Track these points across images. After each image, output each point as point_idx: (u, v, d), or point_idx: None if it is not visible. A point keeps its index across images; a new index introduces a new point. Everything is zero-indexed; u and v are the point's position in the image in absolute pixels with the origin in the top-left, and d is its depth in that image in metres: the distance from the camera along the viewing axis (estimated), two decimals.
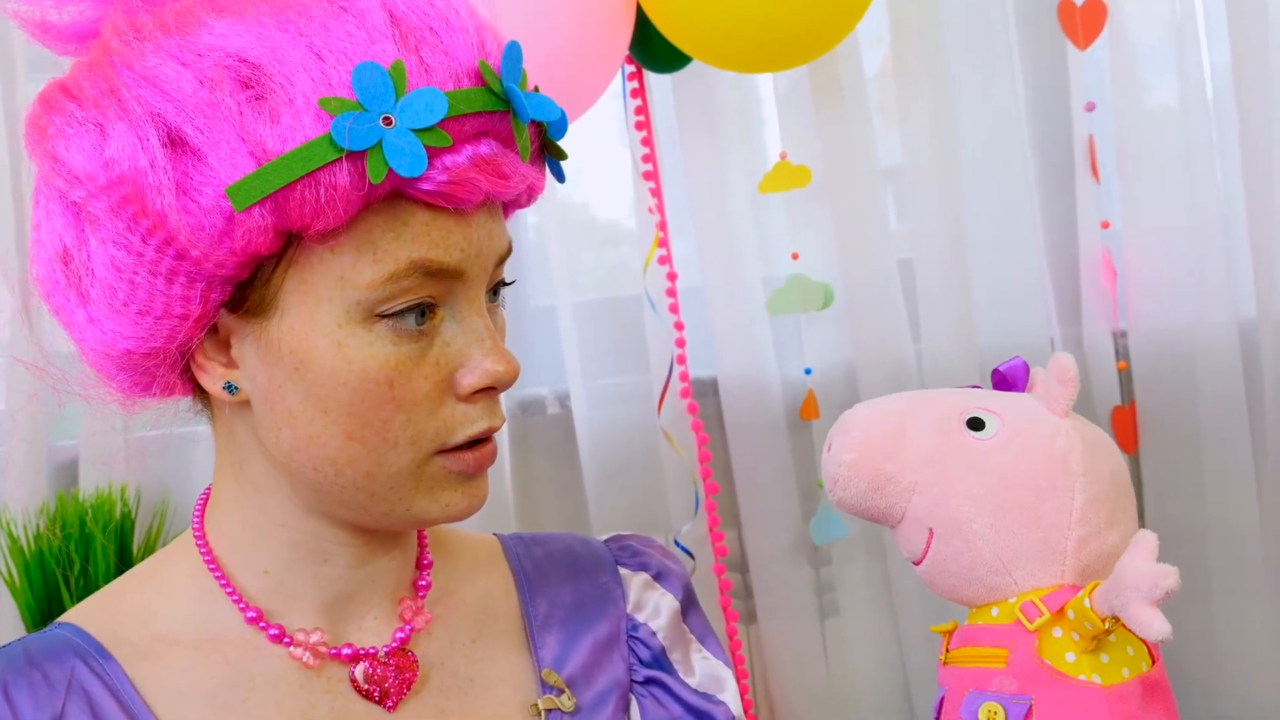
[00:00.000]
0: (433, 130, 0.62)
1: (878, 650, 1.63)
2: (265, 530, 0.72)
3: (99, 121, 0.63)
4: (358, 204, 0.62)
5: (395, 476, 0.67)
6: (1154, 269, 1.51)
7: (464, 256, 0.66)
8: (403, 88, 0.62)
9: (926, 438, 0.69)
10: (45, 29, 0.69)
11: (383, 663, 0.73)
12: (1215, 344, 1.47)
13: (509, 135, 0.67)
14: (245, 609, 0.71)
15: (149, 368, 0.67)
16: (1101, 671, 0.65)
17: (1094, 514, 0.68)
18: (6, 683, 0.68)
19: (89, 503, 1.30)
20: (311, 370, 0.65)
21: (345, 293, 0.64)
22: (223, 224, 0.61)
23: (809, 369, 1.60)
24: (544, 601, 0.81)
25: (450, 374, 0.67)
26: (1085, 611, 0.64)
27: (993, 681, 0.66)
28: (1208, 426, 1.49)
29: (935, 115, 1.54)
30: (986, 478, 0.68)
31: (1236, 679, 1.51)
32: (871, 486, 0.69)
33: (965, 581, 0.69)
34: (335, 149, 0.60)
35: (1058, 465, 0.68)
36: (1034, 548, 0.67)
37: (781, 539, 1.62)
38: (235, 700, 0.70)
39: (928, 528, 0.69)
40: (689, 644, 0.84)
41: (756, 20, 1.27)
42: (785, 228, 1.64)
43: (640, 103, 1.51)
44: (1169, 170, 1.49)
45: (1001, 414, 0.70)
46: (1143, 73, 1.50)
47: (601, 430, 1.63)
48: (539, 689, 0.77)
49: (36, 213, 0.68)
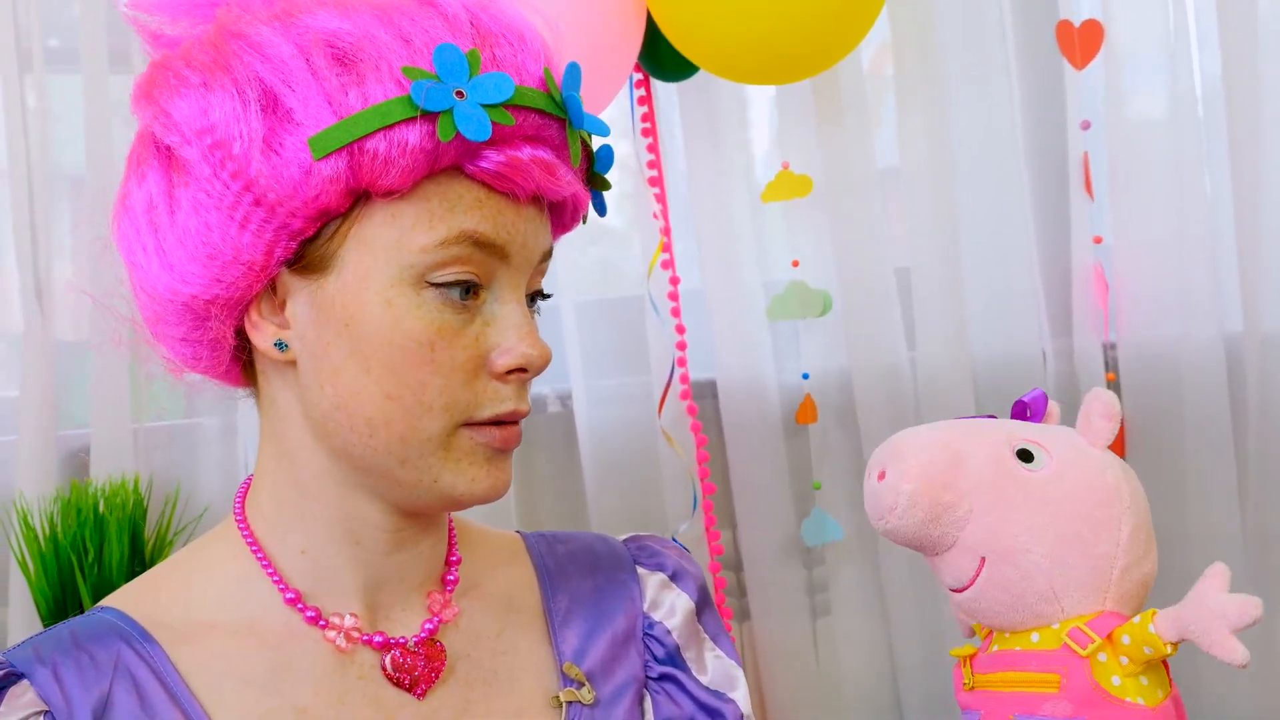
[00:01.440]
0: (498, 108, 0.68)
1: (868, 649, 1.66)
2: (301, 507, 0.74)
3: (205, 80, 0.69)
4: (424, 167, 0.68)
5: (426, 443, 0.71)
6: (1144, 284, 1.55)
7: (511, 238, 0.71)
8: (476, 69, 0.68)
9: (983, 467, 0.70)
10: (157, 39, 0.75)
11: (412, 652, 0.75)
12: (1201, 357, 1.51)
13: (563, 144, 0.72)
14: (284, 589, 0.74)
15: (207, 318, 0.72)
16: (1144, 694, 0.68)
17: (1136, 543, 0.71)
18: (56, 663, 0.71)
19: (102, 491, 1.32)
20: (359, 326, 0.69)
21: (400, 255, 0.69)
22: (300, 175, 0.67)
23: (806, 374, 1.63)
24: (565, 597, 0.84)
25: (487, 351, 0.71)
26: (1149, 637, 0.66)
27: (1044, 706, 0.68)
28: (1192, 437, 1.52)
29: (933, 129, 1.58)
30: (1044, 509, 0.70)
31: (1218, 689, 1.54)
32: (930, 516, 0.70)
33: (1012, 608, 0.71)
34: (411, 107, 0.66)
35: (1110, 497, 0.71)
36: (1085, 576, 0.69)
37: (775, 539, 1.65)
38: (273, 683, 0.72)
39: (980, 556, 0.70)
40: (702, 643, 0.86)
41: (765, 35, 1.30)
42: (785, 235, 1.67)
43: (646, 109, 1.53)
44: (1158, 185, 1.53)
45: (1048, 447, 0.72)
46: (1134, 89, 1.53)
47: (602, 429, 1.66)
48: (560, 681, 0.79)
49: (127, 177, 0.74)
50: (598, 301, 1.74)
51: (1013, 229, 1.59)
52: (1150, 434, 1.55)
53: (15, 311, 1.49)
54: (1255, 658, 1.51)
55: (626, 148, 1.59)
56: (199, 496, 1.49)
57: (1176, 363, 1.53)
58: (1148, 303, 1.55)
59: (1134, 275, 1.55)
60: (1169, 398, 1.53)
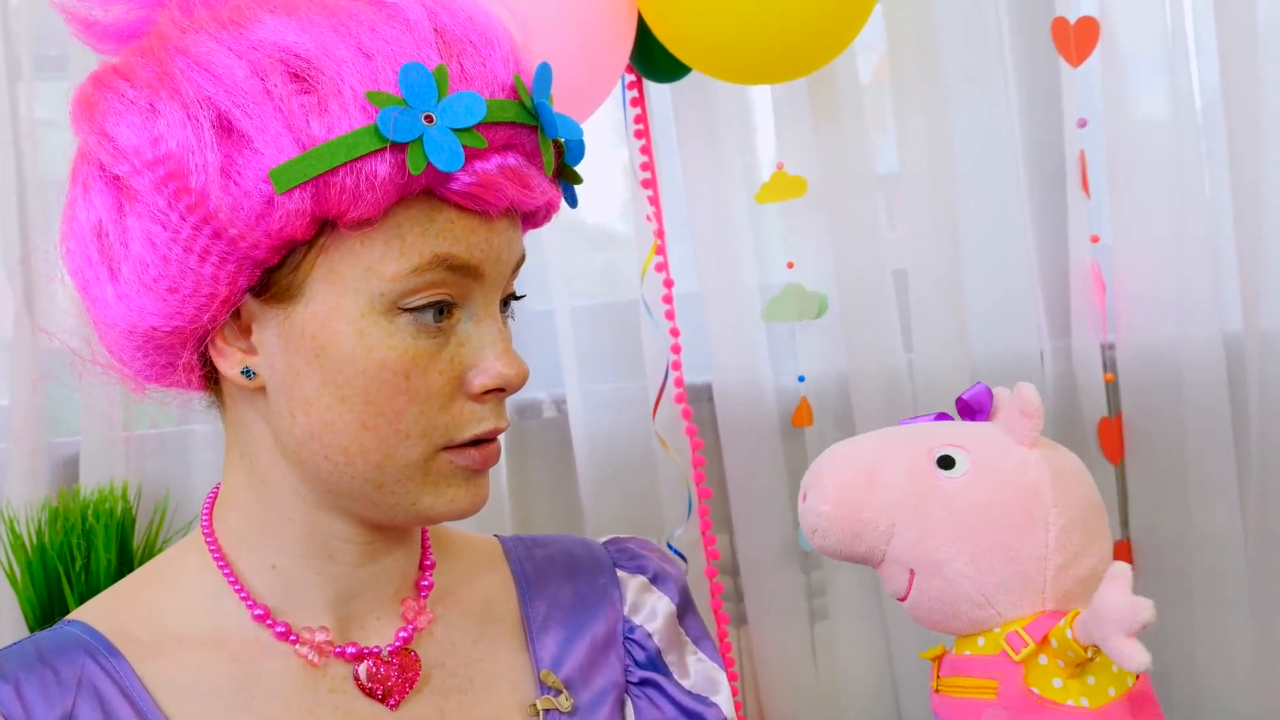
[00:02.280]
0: (470, 131, 0.65)
1: (866, 654, 1.64)
2: (272, 525, 0.73)
3: (151, 101, 0.65)
4: (394, 195, 0.65)
5: (404, 469, 0.69)
6: (1142, 283, 1.53)
7: (485, 257, 0.69)
8: (445, 90, 0.65)
9: (899, 481, 0.71)
10: (89, 26, 0.72)
11: (386, 662, 0.74)
12: (1201, 357, 1.49)
13: (535, 149, 0.70)
14: (252, 606, 0.73)
15: (170, 347, 0.70)
16: (1089, 694, 0.67)
17: (1069, 541, 0.69)
18: (19, 680, 0.69)
19: (90, 499, 1.31)
20: (331, 357, 0.67)
21: (371, 283, 0.66)
22: (262, 206, 0.64)
23: (802, 377, 1.62)
24: (543, 603, 0.82)
25: (463, 373, 0.70)
26: (1068, 642, 0.65)
27: (985, 713, 0.68)
28: (1193, 438, 1.51)
29: (930, 128, 1.56)
30: (962, 518, 0.69)
31: (1217, 688, 1.53)
32: (850, 534, 0.71)
33: (949, 616, 0.71)
34: (380, 139, 0.63)
35: (1030, 498, 0.69)
36: (1014, 580, 0.69)
37: (773, 544, 1.63)
38: (242, 699, 0.71)
39: (908, 568, 0.71)
40: (684, 646, 0.85)
41: (756, 33, 1.29)
42: (781, 236, 1.66)
43: (640, 111, 1.52)
44: (1158, 185, 1.51)
45: (970, 449, 0.71)
46: (1133, 89, 1.52)
47: (597, 434, 1.65)
48: (537, 689, 0.78)
49: (73, 190, 0.70)
50: (593, 306, 1.73)
51: (1010, 229, 1.58)
52: (1150, 434, 1.54)
53: (4, 319, 1.48)
54: (1255, 657, 1.50)
55: (621, 151, 1.58)
56: (190, 503, 1.49)
57: (1176, 363, 1.51)
58: (1147, 302, 1.53)
59: (1133, 275, 1.54)
60: (1169, 398, 1.52)
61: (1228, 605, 1.51)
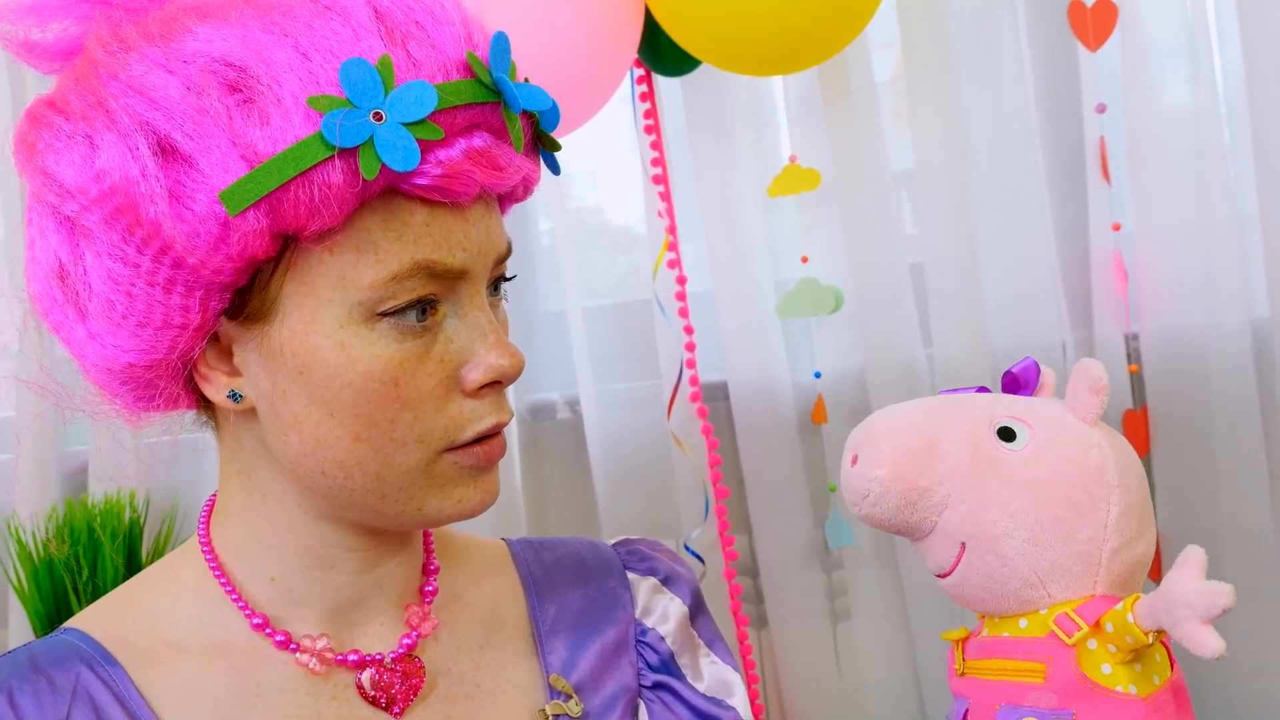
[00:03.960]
0: (424, 123, 0.61)
1: (889, 655, 1.62)
2: (272, 537, 0.71)
3: (87, 133, 0.62)
4: (353, 202, 0.62)
5: (405, 476, 0.67)
6: (1166, 271, 1.50)
7: (466, 255, 0.66)
8: (391, 82, 0.61)
9: (959, 449, 0.68)
10: (29, 48, 0.68)
11: (389, 669, 0.72)
12: (1227, 346, 1.46)
13: (501, 126, 0.66)
14: (251, 615, 0.71)
15: (151, 380, 0.67)
16: (1137, 682, 0.65)
17: (1127, 525, 0.67)
18: (12, 689, 0.68)
19: (98, 509, 1.30)
20: (315, 373, 0.65)
21: (347, 293, 0.64)
22: (218, 230, 0.61)
23: (819, 373, 1.59)
24: (552, 607, 0.81)
25: (455, 370, 0.67)
26: (1129, 626, 0.63)
27: (1030, 696, 0.66)
28: (1220, 429, 1.48)
29: (945, 118, 1.54)
30: (1023, 491, 0.67)
31: (1248, 681, 1.50)
32: (904, 502, 0.68)
33: (996, 595, 0.68)
34: (327, 147, 0.59)
35: (1094, 478, 0.67)
36: (1070, 561, 0.67)
37: (792, 543, 1.61)
38: (242, 708, 0.70)
39: (959, 541, 0.68)
40: (697, 649, 0.84)
41: (764, 23, 1.27)
42: (795, 231, 1.63)
43: (649, 106, 1.50)
44: (1181, 171, 1.48)
45: (1031, 423, 0.69)
46: (1154, 73, 1.49)
47: (612, 435, 1.63)
48: (547, 694, 0.77)
49: (30, 231, 0.67)
50: (606, 306, 1.71)
51: (1029, 218, 1.55)
52: (1177, 425, 1.51)
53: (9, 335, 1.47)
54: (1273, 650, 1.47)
55: (632, 147, 1.56)
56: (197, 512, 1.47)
57: (1202, 351, 1.48)
58: (1171, 290, 1.50)
59: (1156, 262, 1.51)
60: (1195, 387, 1.49)
61: (1259, 598, 1.48)
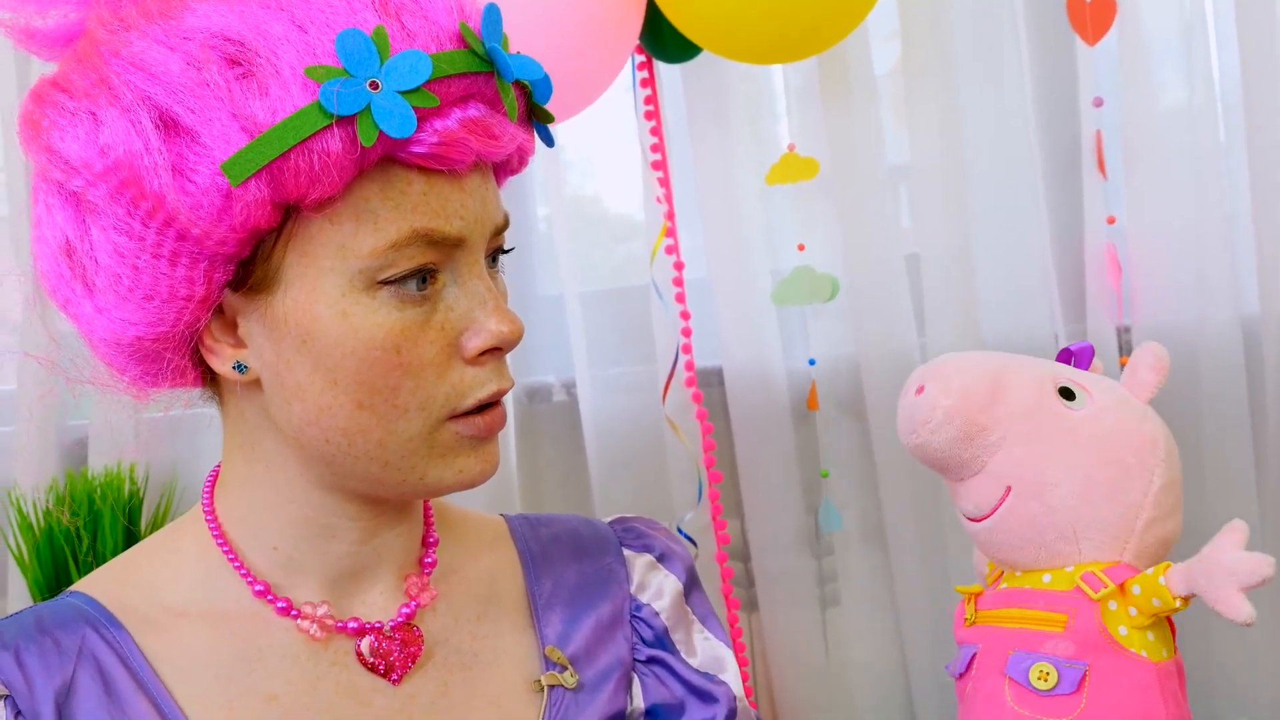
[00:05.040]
0: (419, 91, 0.63)
1: (878, 640, 1.63)
2: (275, 507, 0.73)
3: (91, 110, 0.64)
4: (351, 170, 0.63)
5: (407, 444, 0.68)
6: (1159, 265, 1.51)
7: (464, 223, 0.67)
8: (386, 52, 0.63)
9: (1023, 396, 0.70)
10: (31, 35, 0.70)
11: (388, 637, 0.74)
12: (1218, 341, 1.47)
13: (495, 96, 0.68)
14: (253, 583, 0.73)
15: (158, 353, 0.69)
16: (1149, 648, 0.67)
17: (1165, 499, 0.70)
18: (19, 648, 0.70)
19: (98, 481, 1.31)
20: (318, 342, 0.66)
21: (347, 262, 0.65)
22: (221, 201, 0.62)
23: (813, 360, 1.61)
24: (549, 581, 0.82)
25: (456, 337, 0.68)
26: (1158, 589, 0.65)
27: (1046, 644, 0.68)
28: (1210, 423, 1.49)
29: (943, 110, 1.55)
30: (1079, 446, 0.69)
31: (1235, 676, 1.52)
32: (963, 435, 0.70)
33: (1030, 543, 0.70)
34: (325, 115, 0.61)
35: (1146, 447, 0.70)
36: (1109, 521, 0.69)
37: (784, 529, 1.63)
38: (242, 672, 0.71)
39: (1006, 485, 0.70)
40: (691, 625, 0.85)
41: (766, 11, 1.28)
42: (792, 220, 1.64)
43: (650, 92, 1.51)
44: (1175, 168, 1.49)
45: (1090, 390, 0.72)
46: (1151, 69, 1.50)
47: (607, 418, 1.64)
48: (542, 665, 0.78)
49: (36, 209, 0.68)
50: (603, 290, 1.72)
51: (1024, 211, 1.56)
52: (1166, 418, 1.50)
53: (15, 304, 1.48)
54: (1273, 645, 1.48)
55: (629, 136, 1.57)
56: (198, 485, 1.47)
57: (1193, 347, 1.49)
58: (1163, 285, 1.51)
59: (1149, 258, 1.52)
60: (1185, 383, 1.50)
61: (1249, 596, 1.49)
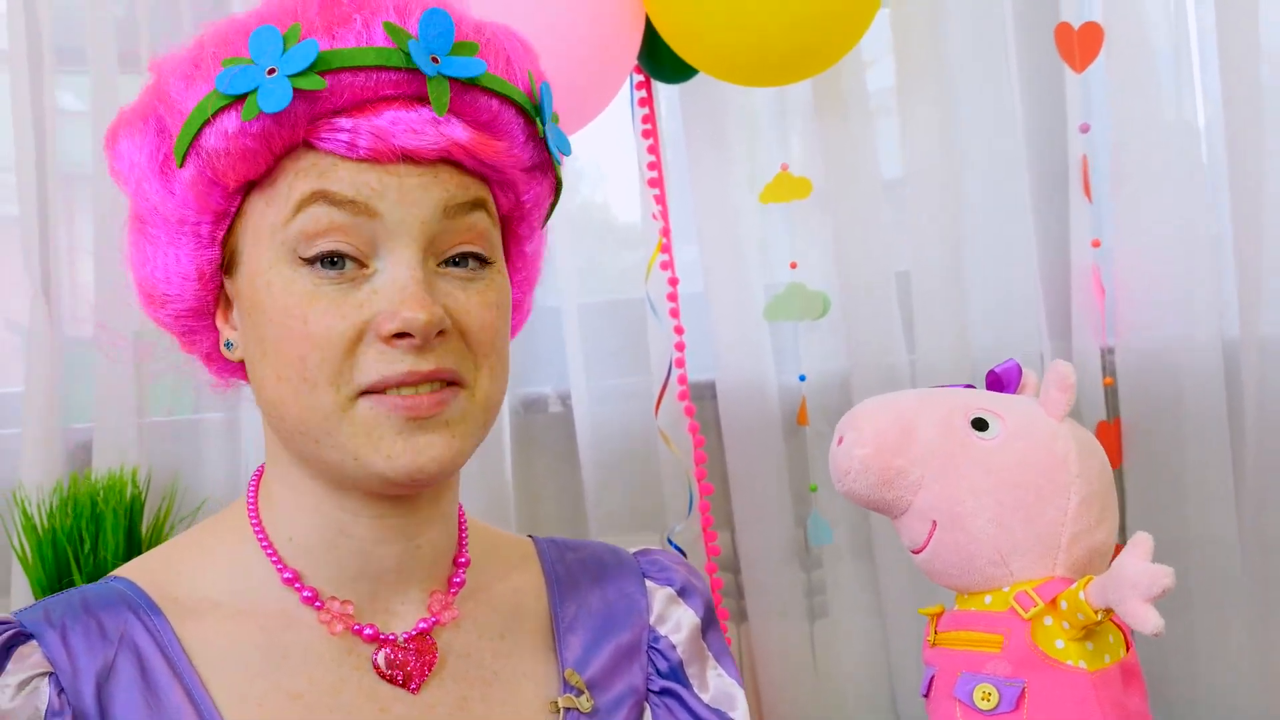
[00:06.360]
0: (307, 75, 0.67)
1: (865, 652, 1.66)
2: (293, 499, 0.76)
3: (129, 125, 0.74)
4: (262, 149, 0.69)
5: (325, 420, 0.70)
6: (1143, 287, 1.54)
7: (374, 194, 0.69)
8: (294, 43, 0.68)
9: (934, 435, 0.73)
10: None
11: (403, 648, 0.76)
12: (1199, 362, 1.50)
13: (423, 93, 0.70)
14: (282, 569, 0.75)
15: (196, 328, 0.77)
16: (1088, 658, 0.70)
17: (1086, 513, 0.72)
18: (65, 627, 0.72)
19: (100, 484, 1.33)
20: (257, 314, 0.71)
21: (274, 236, 0.70)
22: (183, 186, 0.71)
23: (803, 376, 1.63)
24: (572, 605, 0.84)
25: (372, 317, 0.69)
26: (1080, 603, 0.68)
27: (987, 665, 0.71)
28: (1190, 443, 1.52)
29: (935, 131, 1.58)
30: (991, 476, 0.72)
31: (1216, 690, 1.53)
32: (882, 480, 0.73)
33: (963, 570, 0.73)
34: (222, 97, 0.68)
35: (1058, 467, 0.72)
36: (1031, 542, 0.71)
37: (774, 541, 1.65)
38: (269, 667, 0.73)
39: (931, 520, 0.73)
40: (705, 660, 0.87)
41: (760, 36, 1.31)
42: (786, 237, 1.67)
43: (647, 111, 1.54)
44: (1160, 192, 1.52)
45: (1003, 415, 0.74)
46: (1137, 94, 1.53)
47: (602, 429, 1.66)
48: (560, 687, 0.80)
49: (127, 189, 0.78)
50: (600, 303, 1.74)
51: (1013, 232, 1.59)
52: (1148, 438, 1.54)
53: (22, 307, 1.51)
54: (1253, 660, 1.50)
55: (629, 149, 1.59)
56: (199, 490, 1.51)
57: (1175, 367, 1.52)
58: (1147, 306, 1.54)
59: (1134, 279, 1.55)
60: (1167, 402, 1.53)
61: (1225, 607, 1.52)
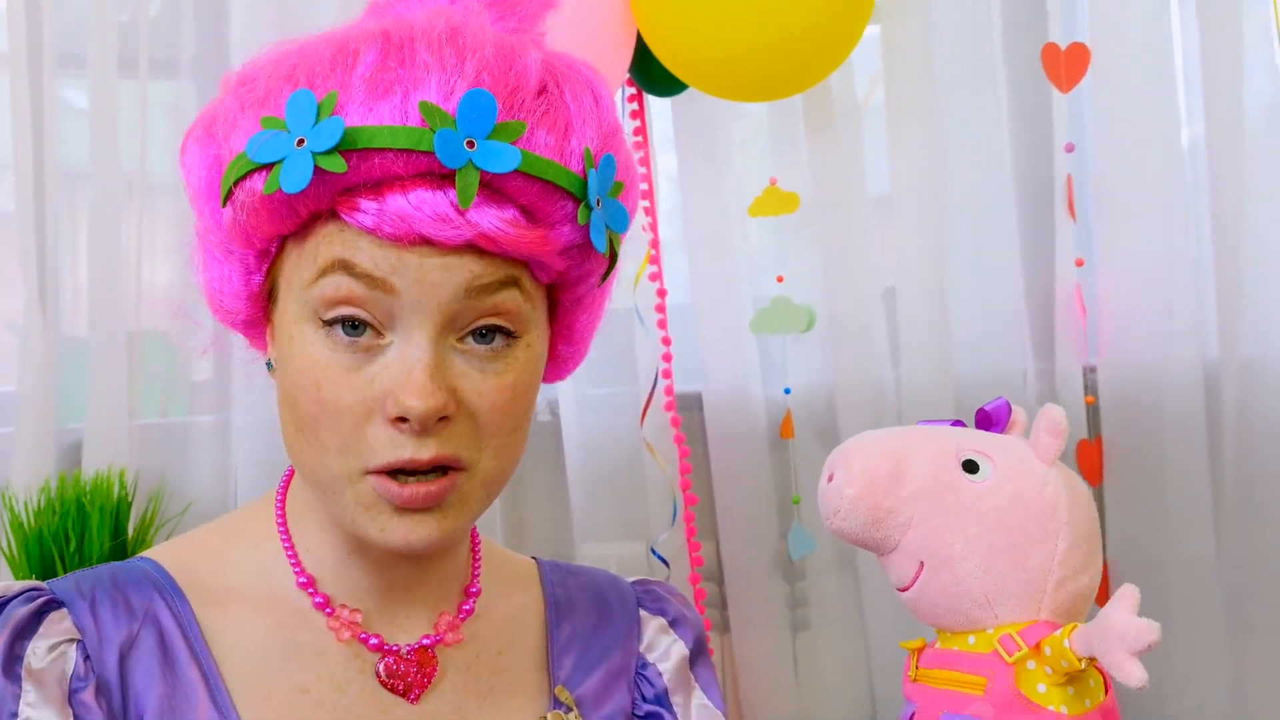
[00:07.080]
0: (331, 155, 0.65)
1: (846, 664, 1.67)
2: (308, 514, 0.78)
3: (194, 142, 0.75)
4: (286, 214, 0.68)
5: (334, 483, 0.70)
6: (1125, 307, 1.56)
7: (393, 271, 0.67)
8: (326, 115, 0.65)
9: (924, 475, 0.74)
10: None
11: (404, 659, 0.77)
12: (1181, 382, 1.52)
13: (451, 179, 0.66)
14: (300, 573, 0.77)
15: (255, 335, 0.79)
16: (1069, 703, 0.70)
17: (1073, 559, 0.73)
18: (95, 598, 0.74)
19: (88, 485, 1.34)
20: (283, 358, 0.72)
21: (300, 291, 0.70)
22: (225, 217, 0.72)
23: (789, 389, 1.64)
24: (568, 626, 0.86)
25: (380, 394, 0.68)
26: (1064, 651, 0.69)
27: (970, 706, 0.71)
28: (1170, 462, 1.53)
29: (923, 149, 1.59)
30: (980, 520, 0.73)
31: (1191, 707, 1.55)
32: (871, 520, 0.74)
33: (948, 611, 0.74)
34: (250, 162, 0.67)
35: (1048, 513, 0.73)
36: (1018, 587, 0.72)
37: (758, 553, 1.66)
38: (280, 663, 0.75)
39: (919, 560, 0.74)
40: (691, 691, 0.89)
41: (749, 52, 1.32)
42: (774, 250, 1.68)
43: (639, 123, 1.56)
44: (1143, 211, 1.54)
45: (994, 458, 0.74)
46: (1122, 116, 1.55)
47: (588, 438, 1.67)
48: (551, 703, 0.82)
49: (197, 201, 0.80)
50: None
51: (998, 251, 1.61)
52: (1129, 457, 1.56)
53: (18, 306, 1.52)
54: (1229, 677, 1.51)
55: None
56: (186, 492, 1.52)
57: (1157, 387, 1.54)
58: (1129, 326, 1.56)
59: (1116, 299, 1.57)
60: (1148, 421, 1.54)
61: (1203, 626, 1.53)
